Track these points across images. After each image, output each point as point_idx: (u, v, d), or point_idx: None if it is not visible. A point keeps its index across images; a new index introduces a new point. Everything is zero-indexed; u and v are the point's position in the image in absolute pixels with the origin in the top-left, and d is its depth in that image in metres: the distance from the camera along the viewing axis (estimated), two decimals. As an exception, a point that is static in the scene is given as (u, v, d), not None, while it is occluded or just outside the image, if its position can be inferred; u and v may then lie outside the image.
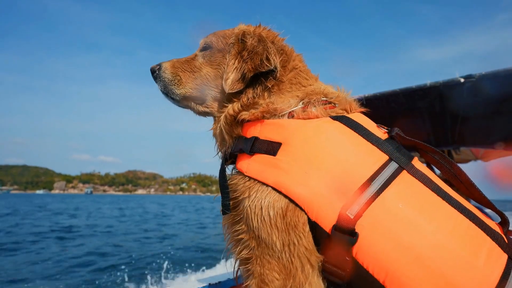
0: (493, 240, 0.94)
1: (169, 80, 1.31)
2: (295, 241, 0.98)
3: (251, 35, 1.19)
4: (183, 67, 1.32)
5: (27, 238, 13.94)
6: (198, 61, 1.32)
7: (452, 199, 0.98)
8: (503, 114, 3.40)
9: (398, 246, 0.89)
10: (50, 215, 28.24)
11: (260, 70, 1.13)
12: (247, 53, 1.15)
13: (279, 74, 1.17)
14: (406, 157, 1.03)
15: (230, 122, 1.18)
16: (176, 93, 1.31)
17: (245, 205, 1.05)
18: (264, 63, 1.13)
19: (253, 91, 1.16)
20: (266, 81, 1.16)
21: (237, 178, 1.12)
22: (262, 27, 1.27)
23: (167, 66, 1.33)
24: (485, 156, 5.54)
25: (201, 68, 1.29)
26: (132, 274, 8.24)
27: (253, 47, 1.16)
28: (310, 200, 0.96)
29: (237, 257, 1.12)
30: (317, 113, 1.11)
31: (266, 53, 1.14)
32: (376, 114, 4.33)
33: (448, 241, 0.90)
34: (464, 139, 4.02)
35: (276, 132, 1.09)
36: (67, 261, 9.60)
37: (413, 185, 0.98)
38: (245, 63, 1.14)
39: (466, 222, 0.95)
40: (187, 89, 1.30)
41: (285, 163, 1.02)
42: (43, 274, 8.17)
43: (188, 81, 1.30)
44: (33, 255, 10.55)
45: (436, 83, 3.20)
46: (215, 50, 1.28)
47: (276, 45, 1.20)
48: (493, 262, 0.89)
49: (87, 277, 8.04)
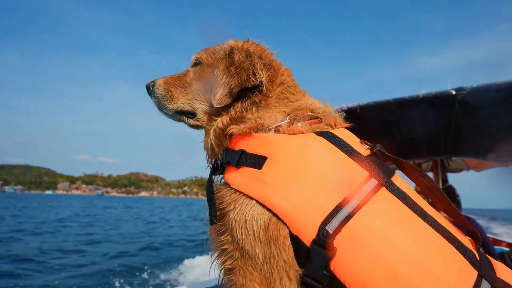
0: (464, 257, 0.97)
1: (162, 96, 1.37)
2: (275, 254, 1.00)
3: (239, 50, 1.22)
4: (175, 83, 1.37)
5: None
6: (189, 77, 1.36)
7: (428, 216, 1.01)
8: (494, 127, 3.45)
9: (374, 261, 0.92)
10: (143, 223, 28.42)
11: (246, 85, 1.16)
12: (234, 68, 1.18)
13: (266, 89, 1.20)
14: (386, 173, 1.07)
15: (219, 135, 1.21)
16: (168, 108, 1.36)
17: (230, 217, 1.08)
18: (250, 78, 1.16)
19: (241, 105, 1.19)
20: (253, 96, 1.19)
21: (224, 190, 1.15)
22: (250, 42, 1.29)
23: (160, 83, 1.39)
24: (478, 166, 5.61)
25: (192, 83, 1.34)
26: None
27: (240, 62, 1.19)
28: (292, 214, 0.99)
29: (221, 267, 1.15)
30: (302, 128, 1.14)
31: (253, 68, 1.17)
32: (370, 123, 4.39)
33: (422, 258, 0.93)
34: (457, 149, 4.06)
35: (262, 146, 1.12)
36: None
37: (391, 201, 1.01)
38: (232, 78, 1.17)
39: (440, 239, 0.98)
40: (178, 104, 1.35)
41: (270, 177, 1.05)
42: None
43: (180, 97, 1.35)
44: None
45: (428, 94, 3.24)
46: (205, 65, 1.33)
47: (264, 60, 1.23)
48: (463, 278, 0.93)
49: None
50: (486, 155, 3.85)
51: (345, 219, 0.96)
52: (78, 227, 22.18)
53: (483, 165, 5.51)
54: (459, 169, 5.99)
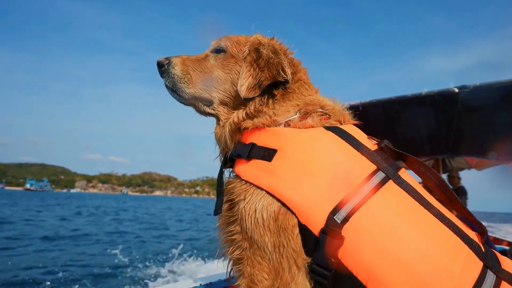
0: (470, 248, 0.99)
1: (179, 78, 1.30)
2: (285, 243, 1.03)
3: (266, 46, 1.24)
4: (194, 66, 1.31)
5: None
6: (209, 62, 1.31)
7: (434, 209, 1.03)
8: (496, 125, 3.46)
9: (381, 251, 0.95)
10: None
11: (277, 79, 1.18)
12: (263, 63, 1.20)
13: (287, 85, 1.23)
14: (393, 167, 1.09)
15: (234, 129, 1.22)
16: (186, 92, 1.30)
17: (240, 207, 1.11)
18: (280, 73, 1.19)
19: (260, 100, 1.21)
20: (275, 91, 1.22)
21: (235, 181, 1.18)
22: (275, 40, 1.32)
23: (177, 62, 1.31)
24: (479, 165, 5.63)
25: (213, 70, 1.30)
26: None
27: (269, 57, 1.20)
28: (301, 205, 1.02)
29: (230, 257, 1.17)
30: (312, 123, 1.17)
31: (282, 64, 1.20)
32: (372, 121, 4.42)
33: (428, 248, 0.96)
34: (458, 148, 4.08)
35: (272, 139, 1.14)
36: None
37: (398, 194, 1.04)
38: (261, 72, 1.18)
39: (446, 230, 1.00)
40: (196, 89, 1.30)
41: (279, 169, 1.08)
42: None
43: (198, 81, 1.30)
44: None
45: (431, 92, 3.26)
46: (229, 54, 1.29)
47: (288, 57, 1.26)
48: (469, 269, 0.95)
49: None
50: (487, 154, 3.87)
51: (352, 209, 0.98)
52: (190, 231, 20.03)
53: (484, 164, 5.53)
54: (460, 168, 6.01)
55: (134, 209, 43.94)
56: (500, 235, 6.95)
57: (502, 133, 3.51)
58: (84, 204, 49.39)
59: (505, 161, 4.65)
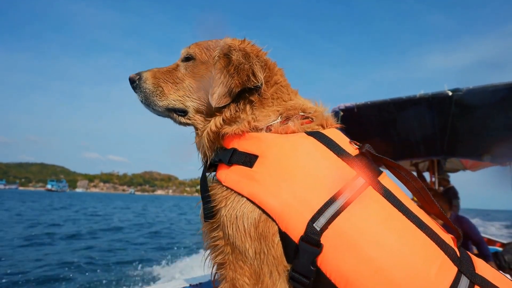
0: (445, 253, 1.00)
1: (151, 91, 1.31)
2: (265, 250, 1.03)
3: (236, 50, 1.21)
4: (164, 77, 1.31)
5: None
6: (180, 72, 1.31)
7: (412, 214, 1.04)
8: (490, 128, 3.47)
9: (360, 258, 0.95)
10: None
11: (247, 86, 1.17)
12: (233, 68, 1.18)
13: (262, 90, 1.21)
14: (373, 173, 1.09)
15: (213, 138, 1.22)
16: (159, 104, 1.31)
17: (221, 214, 1.11)
18: (251, 79, 1.16)
19: (236, 106, 1.20)
20: (250, 96, 1.20)
21: (216, 187, 1.18)
22: (247, 42, 1.29)
23: (148, 77, 1.32)
24: (474, 166, 5.64)
25: (184, 79, 1.30)
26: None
27: (239, 62, 1.18)
28: (281, 212, 1.02)
29: (213, 261, 1.18)
30: (293, 128, 1.17)
31: (252, 69, 1.17)
32: (367, 122, 4.43)
33: (405, 254, 0.96)
34: (453, 149, 4.09)
35: (253, 145, 1.15)
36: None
37: (378, 201, 1.04)
38: (231, 78, 1.16)
39: (423, 236, 1.01)
40: (169, 101, 1.30)
41: (260, 175, 1.08)
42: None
43: (171, 93, 1.29)
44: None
45: (425, 94, 3.26)
46: (198, 61, 1.29)
47: (260, 60, 1.23)
48: (444, 274, 0.96)
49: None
50: (482, 156, 3.87)
51: (332, 216, 0.98)
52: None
53: (479, 165, 5.54)
54: (455, 169, 6.02)
55: (184, 208, 43.53)
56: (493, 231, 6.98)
57: (496, 135, 3.51)
58: (119, 205, 50.42)
59: (499, 163, 4.66)
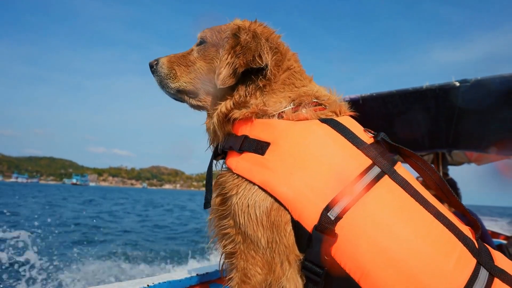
0: (464, 245, 0.98)
1: (165, 74, 1.35)
2: (277, 239, 1.01)
3: (246, 31, 1.19)
4: (178, 61, 1.36)
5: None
6: (193, 56, 1.34)
7: (429, 204, 1.01)
8: (496, 120, 3.43)
9: (375, 248, 0.93)
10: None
11: (251, 66, 1.13)
12: (240, 48, 1.16)
13: (272, 74, 1.17)
14: (389, 162, 1.07)
15: (222, 120, 1.20)
16: (170, 87, 1.35)
17: (233, 202, 1.09)
18: (256, 59, 1.13)
19: (245, 89, 1.17)
20: (258, 80, 1.17)
21: (227, 175, 1.15)
22: (258, 23, 1.26)
23: (164, 61, 1.37)
24: (478, 160, 5.60)
25: (195, 62, 1.32)
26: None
27: (247, 42, 1.16)
28: (294, 200, 1.00)
29: (223, 250, 1.16)
30: (306, 115, 1.14)
31: (259, 50, 1.14)
32: (372, 115, 4.36)
33: (422, 245, 0.94)
34: (458, 142, 4.05)
35: (265, 132, 1.12)
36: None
37: (393, 190, 1.02)
38: (237, 58, 1.14)
39: (441, 227, 0.98)
40: (181, 83, 1.33)
41: (272, 162, 1.05)
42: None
43: (183, 75, 1.33)
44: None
45: (432, 86, 3.21)
46: (209, 44, 1.30)
47: (271, 43, 1.20)
48: (462, 266, 0.94)
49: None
50: (487, 148, 3.84)
51: (347, 206, 0.96)
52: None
53: (484, 159, 5.50)
54: (459, 162, 5.98)
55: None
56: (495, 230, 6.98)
57: (503, 128, 3.47)
58: (146, 199, 51.24)
59: (505, 156, 4.63)
